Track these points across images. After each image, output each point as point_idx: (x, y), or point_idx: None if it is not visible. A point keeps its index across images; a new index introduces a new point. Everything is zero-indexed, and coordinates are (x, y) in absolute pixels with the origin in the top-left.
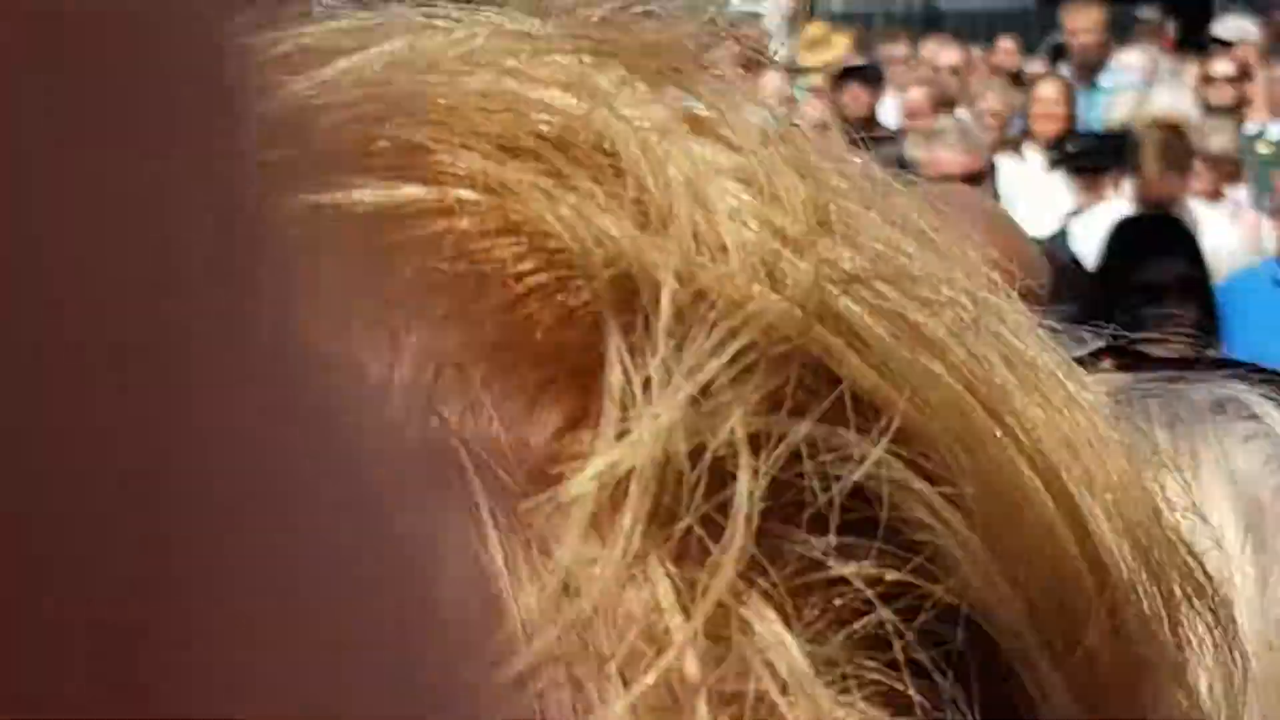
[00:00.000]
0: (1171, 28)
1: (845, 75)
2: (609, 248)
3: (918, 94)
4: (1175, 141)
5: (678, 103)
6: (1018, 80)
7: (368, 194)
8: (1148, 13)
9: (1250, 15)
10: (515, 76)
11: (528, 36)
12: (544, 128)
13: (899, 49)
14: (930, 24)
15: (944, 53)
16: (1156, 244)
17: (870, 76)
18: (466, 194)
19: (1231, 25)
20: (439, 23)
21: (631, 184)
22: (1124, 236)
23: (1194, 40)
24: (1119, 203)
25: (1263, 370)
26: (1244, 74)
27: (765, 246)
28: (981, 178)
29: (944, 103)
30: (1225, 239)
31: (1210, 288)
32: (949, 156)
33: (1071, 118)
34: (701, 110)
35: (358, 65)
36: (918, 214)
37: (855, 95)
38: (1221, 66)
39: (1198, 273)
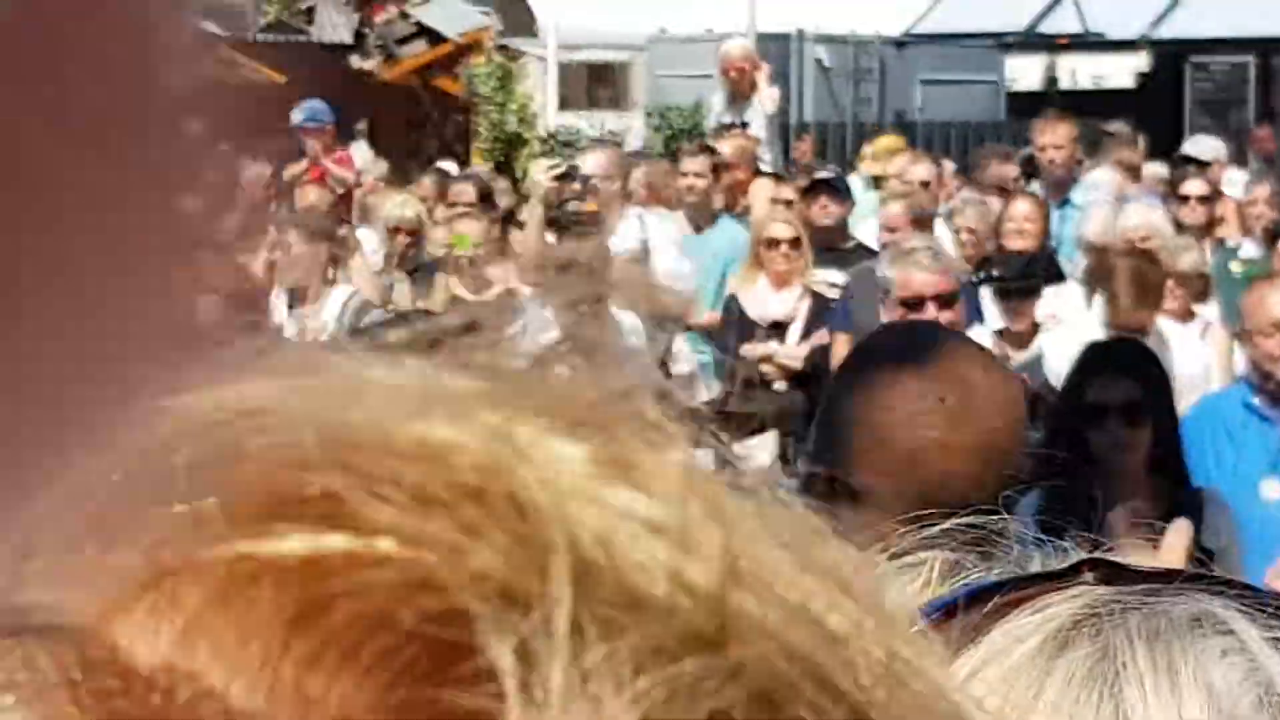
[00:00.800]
0: (1142, 143)
1: (814, 187)
2: (516, 608)
3: (896, 209)
4: (1148, 268)
5: (599, 449)
6: (1004, 192)
7: (295, 543)
8: (1118, 127)
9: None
10: (437, 427)
11: (451, 388)
12: (461, 479)
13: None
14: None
15: (916, 167)
16: (1121, 368)
17: (839, 188)
18: (387, 545)
19: (1203, 144)
20: (370, 370)
21: (539, 540)
22: (1090, 360)
23: (1164, 156)
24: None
25: (1238, 585)
26: (1215, 193)
27: (674, 600)
28: (954, 299)
29: (922, 219)
30: (1196, 359)
31: (1171, 412)
32: (922, 278)
33: (1045, 234)
34: (621, 455)
35: (285, 405)
36: (843, 561)
37: (824, 206)
38: (1193, 185)
39: (1156, 398)
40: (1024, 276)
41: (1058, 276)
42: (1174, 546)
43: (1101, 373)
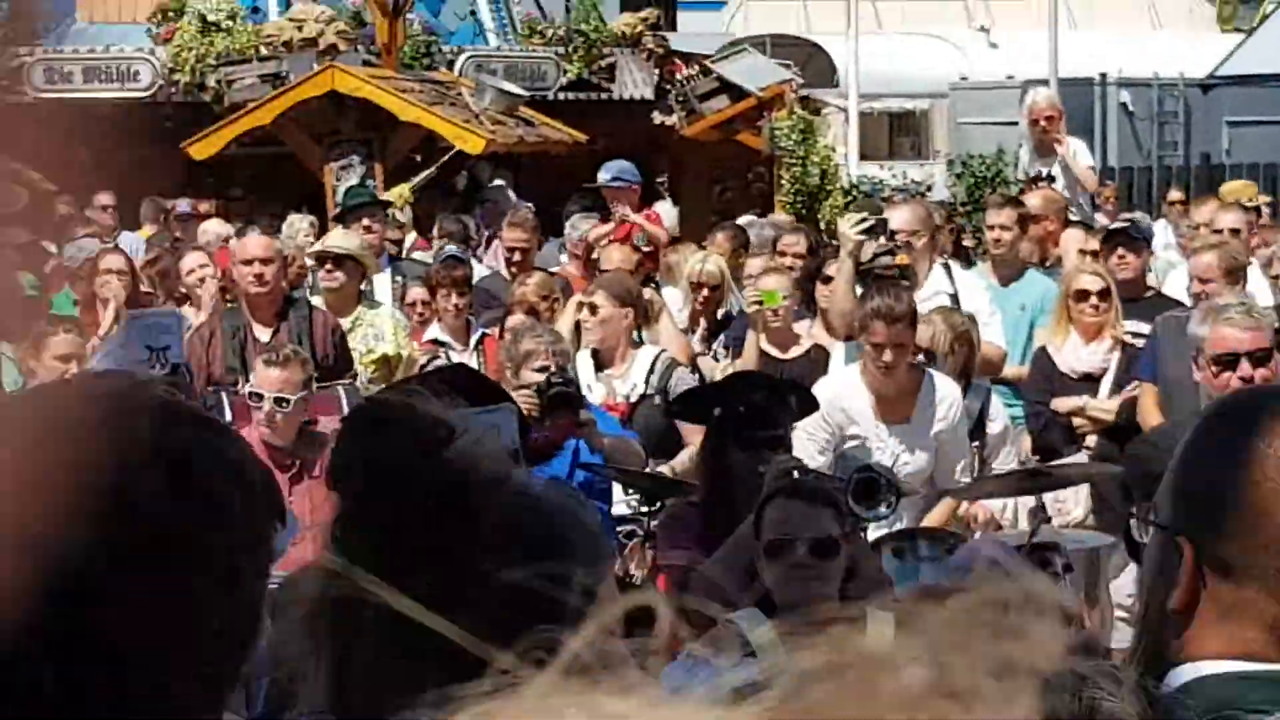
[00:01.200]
0: None
1: (1110, 237)
2: None
3: (1208, 258)
4: None
5: None
6: None
7: None
8: None
9: None
10: None
11: None
12: None
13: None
14: (1206, 177)
15: (1226, 214)
16: None
17: (1135, 236)
18: None
19: None
20: None
21: None
22: None
23: None
24: None
25: None
26: None
27: None
28: (1268, 356)
29: (1234, 269)
30: None
31: None
32: (1235, 335)
33: None
34: None
35: None
36: None
37: (1121, 257)
38: None
39: None
40: None
41: None
42: None
43: None
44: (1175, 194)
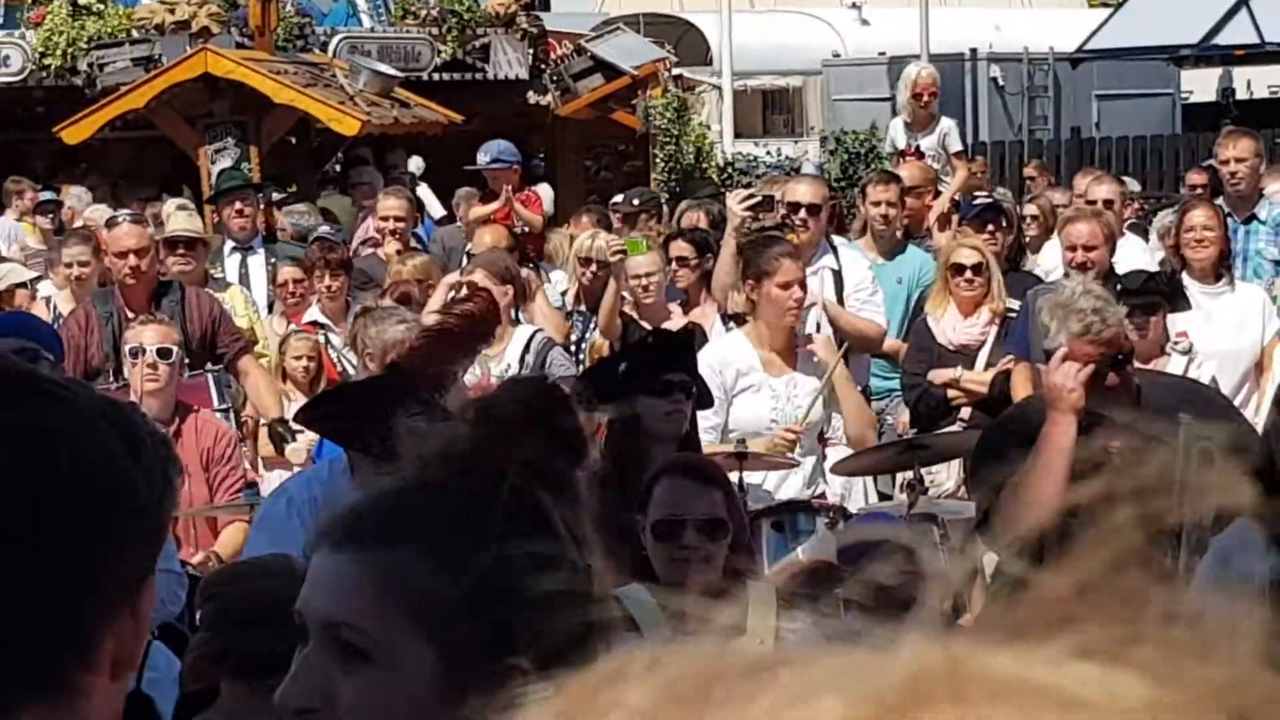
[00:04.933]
0: None
1: (980, 213)
2: None
3: (1082, 228)
4: None
5: None
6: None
7: None
8: None
9: None
10: None
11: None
12: None
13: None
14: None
15: (1100, 186)
16: None
17: (1006, 211)
18: None
19: None
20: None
21: None
22: None
23: None
24: None
25: None
26: None
27: None
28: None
29: (1109, 239)
30: None
31: None
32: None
33: (1225, 243)
34: None
35: None
36: None
37: (991, 233)
38: None
39: None
40: (1143, 293)
41: (1180, 299)
42: None
43: None
44: (1031, 169)
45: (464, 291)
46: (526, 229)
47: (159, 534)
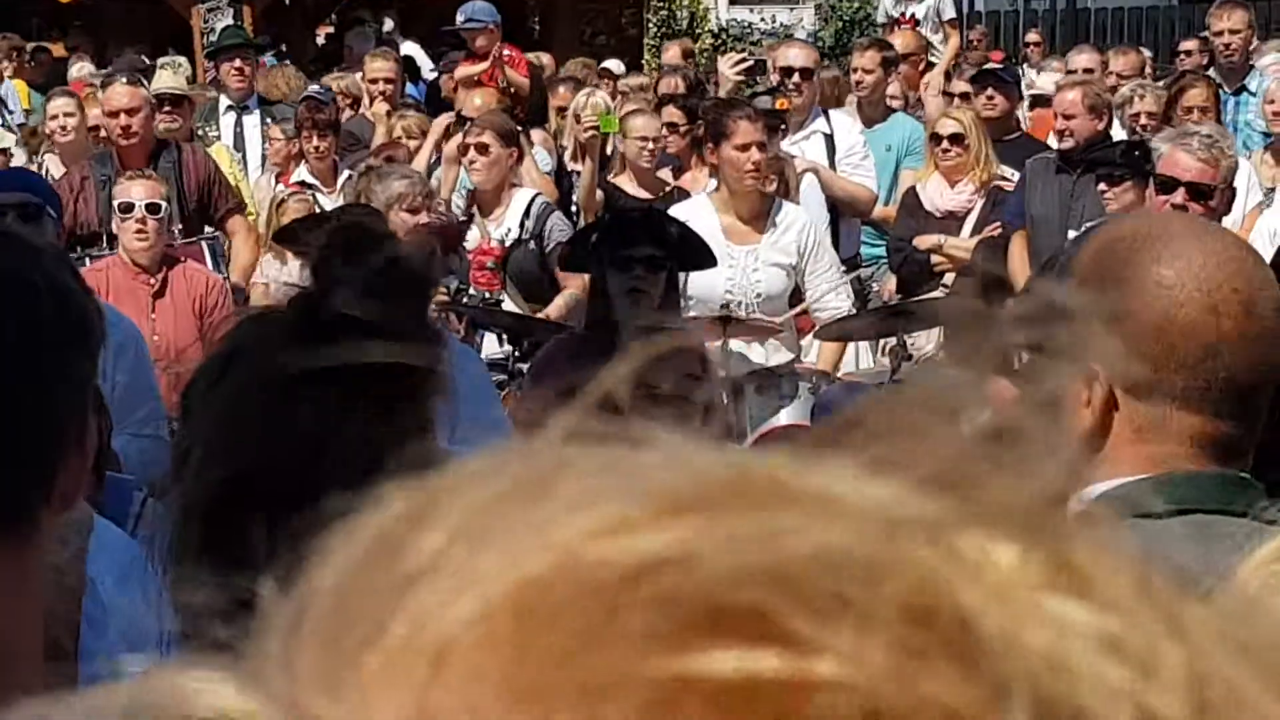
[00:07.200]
0: None
1: (980, 79)
2: None
3: (1071, 96)
4: None
5: (1045, 557)
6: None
7: (727, 661)
8: None
9: None
10: (870, 534)
11: (888, 501)
12: (903, 597)
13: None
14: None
15: (1081, 55)
16: None
17: (1006, 79)
18: (825, 669)
19: None
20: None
21: (994, 674)
22: None
23: None
24: None
25: None
26: None
27: None
28: (1210, 194)
29: (1098, 107)
30: None
31: None
32: (1185, 160)
33: (1218, 118)
34: (1067, 561)
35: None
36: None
37: (990, 98)
38: None
39: None
40: (1116, 163)
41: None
42: None
43: None
44: (1033, 36)
45: (473, 153)
46: (513, 90)
47: (95, 370)
